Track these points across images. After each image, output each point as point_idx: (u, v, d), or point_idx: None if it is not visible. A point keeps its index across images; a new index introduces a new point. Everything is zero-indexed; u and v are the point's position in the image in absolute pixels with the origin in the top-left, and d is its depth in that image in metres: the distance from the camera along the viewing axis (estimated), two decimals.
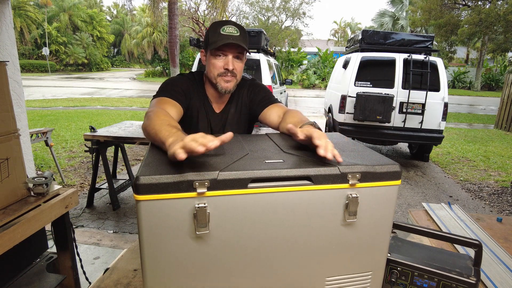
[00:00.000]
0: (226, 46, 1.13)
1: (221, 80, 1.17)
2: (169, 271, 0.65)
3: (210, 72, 1.18)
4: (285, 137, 0.98)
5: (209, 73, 1.20)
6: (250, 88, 1.31)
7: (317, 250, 0.70)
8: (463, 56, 29.12)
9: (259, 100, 1.27)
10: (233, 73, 1.17)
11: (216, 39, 1.13)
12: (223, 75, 1.17)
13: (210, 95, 1.27)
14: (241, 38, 1.14)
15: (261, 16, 23.74)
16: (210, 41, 1.15)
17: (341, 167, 0.68)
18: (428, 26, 19.45)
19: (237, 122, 1.31)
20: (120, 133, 3.08)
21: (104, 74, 29.50)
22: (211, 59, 1.17)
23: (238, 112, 1.31)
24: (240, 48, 1.15)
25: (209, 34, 1.16)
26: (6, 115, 1.21)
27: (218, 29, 1.13)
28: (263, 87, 1.33)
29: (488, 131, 8.45)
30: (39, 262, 1.47)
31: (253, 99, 1.29)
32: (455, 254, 0.94)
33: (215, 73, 1.17)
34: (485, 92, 20.97)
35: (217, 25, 1.15)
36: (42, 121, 7.57)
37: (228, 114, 1.29)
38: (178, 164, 0.66)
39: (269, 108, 1.24)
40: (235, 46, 1.14)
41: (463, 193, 4.13)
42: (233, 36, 1.12)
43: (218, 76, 1.17)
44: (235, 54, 1.16)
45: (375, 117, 4.64)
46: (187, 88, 1.21)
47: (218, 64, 1.16)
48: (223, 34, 1.12)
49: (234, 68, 1.16)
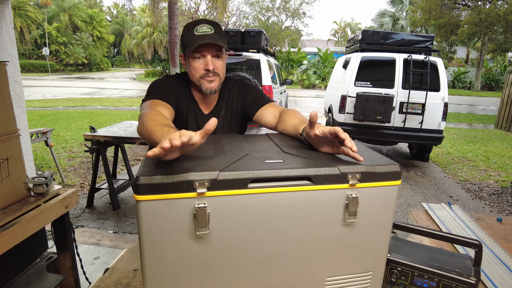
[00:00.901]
0: (202, 47, 1.10)
1: (204, 81, 1.15)
2: (169, 271, 0.65)
3: (192, 75, 1.16)
4: (285, 137, 0.98)
5: (191, 77, 1.18)
6: (240, 89, 1.29)
7: (317, 250, 0.70)
8: (463, 56, 29.12)
9: (251, 101, 1.25)
10: (215, 72, 1.14)
11: (191, 41, 1.10)
12: (205, 76, 1.14)
13: (196, 97, 1.24)
14: (217, 36, 1.11)
15: (261, 16, 23.73)
16: (185, 44, 1.13)
17: (341, 167, 0.68)
18: (428, 26, 19.45)
19: (229, 124, 1.29)
20: (120, 133, 3.08)
21: (104, 74, 29.51)
22: (191, 62, 1.14)
23: (229, 114, 1.28)
24: (217, 47, 1.12)
25: (184, 37, 1.13)
26: (6, 115, 1.21)
27: (191, 31, 1.10)
28: (254, 86, 1.31)
29: (488, 131, 8.45)
30: (39, 262, 1.47)
31: (244, 99, 1.27)
32: (455, 254, 0.94)
33: (197, 75, 1.15)
34: (485, 92, 20.96)
35: (190, 26, 1.12)
36: (42, 121, 7.57)
37: (218, 116, 1.26)
38: (178, 164, 0.66)
39: (263, 108, 1.21)
40: (211, 45, 1.11)
41: (463, 193, 4.13)
42: (207, 35, 1.09)
43: (201, 78, 1.14)
44: (213, 53, 1.13)
45: (375, 117, 4.64)
46: (175, 89, 1.19)
47: (198, 66, 1.13)
48: (197, 34, 1.09)
49: (215, 68, 1.13)
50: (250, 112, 1.24)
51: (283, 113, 1.11)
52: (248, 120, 1.33)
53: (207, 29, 1.10)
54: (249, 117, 1.27)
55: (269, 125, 1.17)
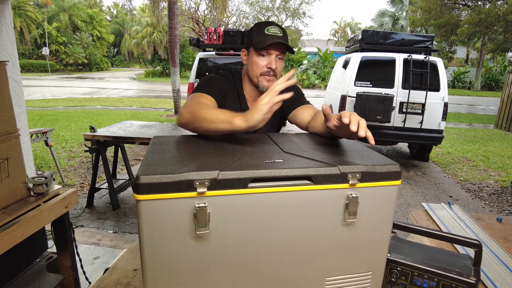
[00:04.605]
0: (271, 46, 1.16)
1: (263, 79, 1.20)
2: (169, 271, 0.64)
3: (253, 70, 1.21)
4: (285, 137, 0.98)
5: (251, 72, 1.22)
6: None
7: (317, 250, 0.70)
8: (463, 56, 29.12)
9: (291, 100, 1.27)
10: (275, 72, 1.20)
11: (261, 38, 1.16)
12: (266, 74, 1.19)
13: (247, 93, 1.29)
14: (286, 39, 1.18)
15: (261, 16, 23.74)
16: (254, 41, 1.18)
17: (341, 167, 0.68)
18: (428, 26, 19.44)
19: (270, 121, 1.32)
20: (120, 133, 3.08)
21: (104, 74, 29.49)
22: (255, 58, 1.19)
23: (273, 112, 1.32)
24: (283, 48, 1.18)
25: (253, 34, 1.19)
26: (6, 115, 1.21)
27: (262, 29, 1.17)
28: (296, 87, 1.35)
29: (488, 131, 8.45)
30: (39, 262, 1.47)
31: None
32: (455, 254, 0.94)
33: (257, 72, 1.20)
34: (485, 92, 20.96)
35: (261, 26, 1.19)
36: (42, 121, 7.56)
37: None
38: (179, 163, 0.66)
39: (300, 108, 1.25)
40: (279, 45, 1.17)
41: (463, 193, 4.13)
42: (278, 36, 1.16)
43: (261, 75, 1.20)
44: (278, 54, 1.19)
45: (375, 117, 4.64)
46: (224, 86, 1.24)
47: (261, 63, 1.19)
48: (268, 34, 1.15)
49: (276, 68, 1.19)
50: (288, 110, 1.28)
51: (318, 113, 1.14)
52: (284, 119, 1.37)
53: (277, 31, 1.17)
54: (285, 116, 1.32)
55: (303, 124, 1.21)
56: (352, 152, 0.81)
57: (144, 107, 10.92)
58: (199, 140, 0.90)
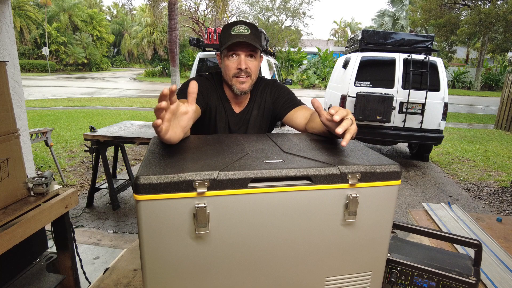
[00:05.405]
0: (236, 46, 1.14)
1: (236, 81, 1.18)
2: (169, 271, 0.65)
3: (225, 74, 1.20)
4: (285, 137, 0.98)
5: (224, 75, 1.21)
6: (273, 90, 1.32)
7: (317, 250, 0.70)
8: (463, 56, 29.12)
9: (283, 102, 1.28)
10: (247, 72, 1.17)
11: (227, 40, 1.14)
12: (237, 75, 1.17)
13: (229, 95, 1.27)
14: (252, 37, 1.14)
15: (261, 16, 23.74)
16: (222, 43, 1.16)
17: (341, 167, 0.68)
18: (428, 26, 19.45)
19: (260, 123, 1.32)
20: (120, 133, 3.08)
21: (104, 74, 29.50)
22: (225, 60, 1.18)
23: (261, 113, 1.31)
24: (251, 47, 1.15)
25: (221, 36, 1.17)
26: (6, 115, 1.21)
27: (229, 30, 1.15)
28: (286, 88, 1.34)
29: (488, 131, 8.45)
30: (39, 262, 1.47)
31: (276, 100, 1.30)
32: (455, 254, 0.94)
33: (229, 74, 1.18)
34: (485, 92, 20.96)
35: (228, 27, 1.16)
36: (42, 121, 7.56)
37: (250, 115, 1.30)
38: (178, 164, 0.66)
39: (294, 110, 1.24)
40: (246, 45, 1.14)
41: (463, 193, 4.13)
42: (243, 35, 1.12)
43: (233, 77, 1.18)
44: (247, 53, 1.16)
45: (375, 117, 4.64)
46: (206, 88, 1.23)
47: (231, 65, 1.16)
48: (233, 34, 1.13)
49: (248, 67, 1.16)
50: (281, 113, 1.27)
51: (314, 114, 1.13)
52: (277, 121, 1.35)
53: (244, 29, 1.14)
54: (279, 118, 1.30)
55: (299, 126, 1.19)
56: (352, 152, 0.81)
57: (144, 107, 10.92)
58: (199, 140, 0.90)
